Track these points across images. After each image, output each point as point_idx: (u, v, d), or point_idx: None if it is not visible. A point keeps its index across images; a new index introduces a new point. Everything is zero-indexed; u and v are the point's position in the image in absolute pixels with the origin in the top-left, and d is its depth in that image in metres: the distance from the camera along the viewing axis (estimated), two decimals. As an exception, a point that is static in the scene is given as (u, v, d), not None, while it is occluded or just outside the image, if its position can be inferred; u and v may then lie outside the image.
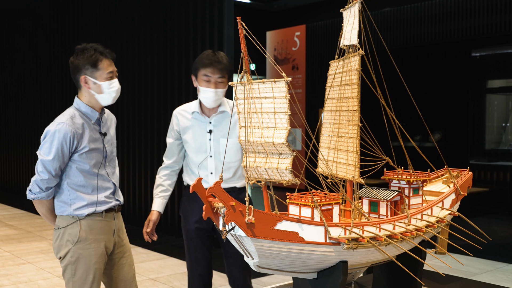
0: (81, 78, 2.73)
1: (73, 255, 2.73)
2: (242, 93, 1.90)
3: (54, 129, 2.69)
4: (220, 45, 6.66)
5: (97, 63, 2.71)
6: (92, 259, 2.75)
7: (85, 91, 2.77)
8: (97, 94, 2.75)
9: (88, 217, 2.78)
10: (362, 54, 2.06)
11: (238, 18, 1.85)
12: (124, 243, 2.96)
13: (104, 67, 2.72)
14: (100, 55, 2.72)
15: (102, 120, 2.87)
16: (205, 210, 1.76)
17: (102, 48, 2.75)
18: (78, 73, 2.74)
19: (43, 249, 6.67)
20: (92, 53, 2.71)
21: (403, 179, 2.29)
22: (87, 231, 2.76)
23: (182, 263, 6.10)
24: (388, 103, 2.15)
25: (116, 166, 2.98)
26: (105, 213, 2.83)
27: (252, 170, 1.93)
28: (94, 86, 2.73)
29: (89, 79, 2.72)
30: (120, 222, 2.95)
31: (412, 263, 2.18)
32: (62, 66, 9.93)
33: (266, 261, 1.84)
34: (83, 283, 2.74)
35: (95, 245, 2.76)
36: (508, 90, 9.66)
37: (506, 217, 9.02)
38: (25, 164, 11.31)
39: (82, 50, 2.73)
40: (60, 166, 2.72)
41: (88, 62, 2.70)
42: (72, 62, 2.75)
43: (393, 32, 9.13)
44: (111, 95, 2.77)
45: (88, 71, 2.71)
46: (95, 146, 2.79)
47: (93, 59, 2.70)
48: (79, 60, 2.72)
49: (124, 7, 8.32)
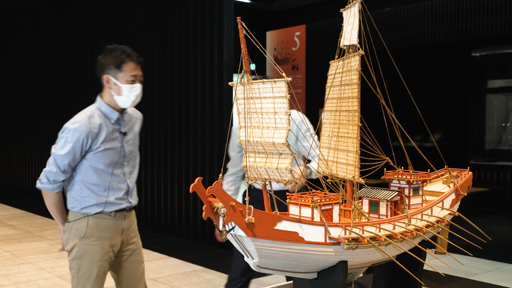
0: (103, 77, 2.74)
1: (78, 250, 2.76)
2: (242, 93, 1.90)
3: (72, 127, 2.71)
4: (220, 45, 6.66)
5: (121, 65, 2.72)
6: (97, 255, 2.77)
7: (106, 91, 2.78)
8: (116, 96, 2.76)
9: (96, 215, 2.80)
10: (362, 54, 2.06)
11: (238, 18, 1.85)
12: (134, 241, 2.98)
13: (128, 70, 2.72)
14: (127, 57, 2.73)
15: (123, 119, 2.86)
16: (205, 210, 1.76)
17: (130, 51, 2.76)
18: (102, 72, 2.76)
19: (43, 249, 6.67)
20: (118, 54, 2.72)
21: (403, 179, 2.29)
22: (93, 228, 2.78)
23: (182, 263, 6.11)
24: (388, 103, 2.15)
25: (136, 166, 2.97)
26: (114, 213, 2.84)
27: (252, 170, 1.93)
28: (114, 87, 2.74)
29: (111, 79, 2.74)
30: (131, 221, 2.95)
31: (412, 263, 2.18)
32: (62, 66, 9.93)
33: (266, 261, 1.84)
34: (87, 279, 2.76)
35: (101, 242, 2.78)
36: (508, 90, 9.65)
37: (506, 217, 9.02)
38: (25, 164, 11.31)
39: (110, 50, 2.75)
40: (70, 163, 2.72)
41: (112, 62, 2.72)
42: (99, 61, 2.77)
43: (393, 32, 9.13)
44: (130, 99, 2.76)
45: (111, 71, 2.73)
46: (111, 146, 2.79)
47: (118, 60, 2.71)
48: (105, 59, 2.74)
49: (124, 7, 8.31)
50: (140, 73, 2.80)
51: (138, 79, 2.77)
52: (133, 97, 2.76)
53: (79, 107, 10.37)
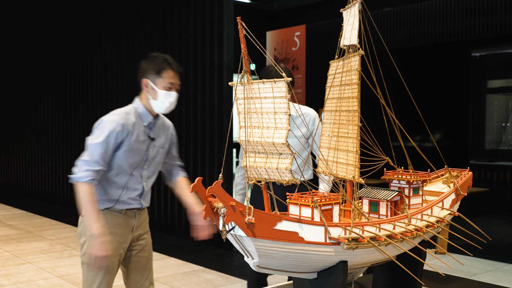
0: (142, 81, 2.88)
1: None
2: (242, 93, 1.90)
3: (108, 119, 2.80)
4: (220, 45, 6.66)
5: (161, 71, 2.85)
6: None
7: (144, 94, 2.91)
8: (152, 100, 2.87)
9: (106, 211, 2.88)
10: (362, 54, 2.06)
11: (238, 18, 1.85)
12: (144, 237, 3.07)
13: (166, 77, 2.85)
14: (167, 65, 2.86)
15: (154, 126, 2.96)
16: (205, 210, 1.76)
17: (171, 60, 2.90)
18: (142, 76, 2.89)
19: (43, 249, 6.67)
20: (160, 61, 2.86)
21: (403, 179, 2.29)
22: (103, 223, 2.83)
23: (182, 263, 6.11)
24: (388, 103, 2.15)
25: (155, 172, 3.06)
26: (125, 211, 2.92)
27: (252, 170, 1.93)
28: (152, 91, 2.86)
29: (149, 83, 2.86)
30: (141, 218, 3.04)
31: (412, 263, 2.18)
32: (62, 66, 9.93)
33: (266, 261, 1.84)
34: (96, 274, 2.84)
35: (110, 237, 2.84)
36: (508, 90, 9.65)
37: (506, 217, 9.02)
38: (25, 164, 11.31)
39: (153, 57, 2.89)
40: (102, 154, 2.76)
41: (153, 68, 2.85)
42: (141, 65, 2.91)
43: (393, 32, 9.13)
44: (164, 104, 2.87)
45: (151, 76, 2.86)
46: (137, 147, 2.87)
47: (159, 66, 2.84)
48: (147, 64, 2.88)
49: (124, 7, 8.31)
50: (177, 82, 2.92)
51: (175, 87, 2.89)
52: (168, 103, 2.87)
53: (79, 107, 10.34)
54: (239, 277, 5.55)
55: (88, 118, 9.03)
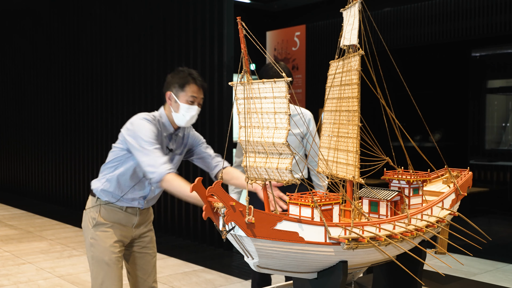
0: (167, 93, 2.94)
1: (92, 237, 2.93)
2: (242, 93, 1.90)
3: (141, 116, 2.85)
4: (220, 45, 6.66)
5: (185, 85, 2.90)
6: (108, 242, 2.92)
7: (167, 106, 2.97)
8: (174, 112, 2.93)
9: (108, 205, 2.95)
10: (362, 54, 2.06)
11: (238, 18, 1.85)
12: (147, 234, 3.14)
13: (189, 91, 2.90)
14: (191, 79, 2.91)
15: (174, 137, 3.01)
16: (205, 210, 1.76)
17: (196, 75, 2.96)
18: (167, 88, 2.95)
19: (43, 249, 6.67)
20: (184, 75, 2.92)
21: (403, 179, 2.29)
22: (104, 217, 2.94)
23: (182, 263, 6.11)
24: (388, 103, 2.15)
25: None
26: (126, 207, 2.98)
27: (252, 170, 1.93)
28: (174, 104, 2.92)
29: (172, 96, 2.92)
30: (145, 216, 3.08)
31: (412, 263, 2.18)
32: (62, 66, 9.93)
33: (266, 261, 1.84)
34: (100, 266, 2.91)
35: (112, 230, 2.94)
36: (508, 90, 9.65)
37: (506, 217, 9.02)
38: (25, 164, 11.31)
39: (179, 71, 2.95)
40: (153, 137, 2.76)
41: (177, 82, 2.91)
42: (167, 78, 2.98)
43: (393, 32, 9.13)
44: (185, 118, 2.91)
45: (175, 89, 2.91)
46: None
47: (183, 80, 2.90)
48: (172, 78, 2.94)
49: (124, 7, 8.31)
50: (201, 96, 2.96)
51: (197, 101, 2.94)
52: (189, 117, 2.91)
53: (79, 107, 10.35)
54: (239, 277, 5.55)
55: (88, 118, 9.03)
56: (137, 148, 2.75)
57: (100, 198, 2.96)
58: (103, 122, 8.64)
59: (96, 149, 8.88)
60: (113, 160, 2.94)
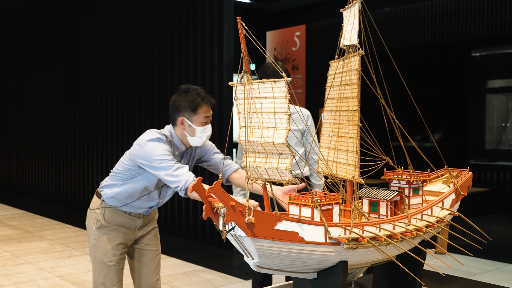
0: (179, 119, 2.85)
1: (95, 238, 2.95)
2: (242, 93, 1.90)
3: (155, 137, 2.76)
4: (220, 45, 6.66)
5: (197, 108, 2.82)
6: (110, 243, 2.95)
7: (178, 129, 2.88)
8: (189, 136, 2.86)
9: (112, 208, 2.97)
10: (362, 54, 2.06)
11: (238, 18, 1.85)
12: (151, 232, 3.17)
13: (202, 112, 2.83)
14: (202, 100, 2.83)
15: (185, 156, 2.99)
16: (205, 210, 1.76)
17: (204, 94, 2.87)
18: (177, 113, 2.85)
19: (43, 249, 6.67)
20: (194, 97, 2.83)
21: (403, 179, 2.29)
22: (108, 219, 2.96)
23: (182, 263, 6.11)
24: (388, 103, 2.15)
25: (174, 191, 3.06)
26: (130, 212, 3.01)
27: (252, 170, 1.93)
28: (189, 129, 2.84)
29: (186, 121, 2.84)
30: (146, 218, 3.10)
31: (412, 263, 2.18)
32: (62, 66, 9.93)
33: (266, 261, 1.84)
34: (102, 266, 2.94)
35: (115, 232, 2.96)
36: (508, 90, 9.65)
37: (506, 217, 9.02)
38: (25, 164, 11.31)
39: (185, 91, 2.87)
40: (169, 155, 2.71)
41: (188, 106, 2.82)
42: (174, 102, 2.88)
43: (393, 32, 9.13)
44: (201, 139, 2.87)
45: (187, 113, 2.83)
46: None
47: (194, 104, 2.82)
48: (180, 101, 2.85)
49: (124, 7, 8.31)
50: (211, 113, 2.92)
51: (209, 120, 2.89)
52: (205, 137, 2.87)
53: (79, 107, 10.32)
54: (239, 277, 5.55)
55: (88, 118, 9.03)
56: (155, 167, 2.70)
57: (105, 201, 2.98)
58: (103, 122, 8.65)
59: (96, 149, 8.88)
60: (123, 172, 2.90)
